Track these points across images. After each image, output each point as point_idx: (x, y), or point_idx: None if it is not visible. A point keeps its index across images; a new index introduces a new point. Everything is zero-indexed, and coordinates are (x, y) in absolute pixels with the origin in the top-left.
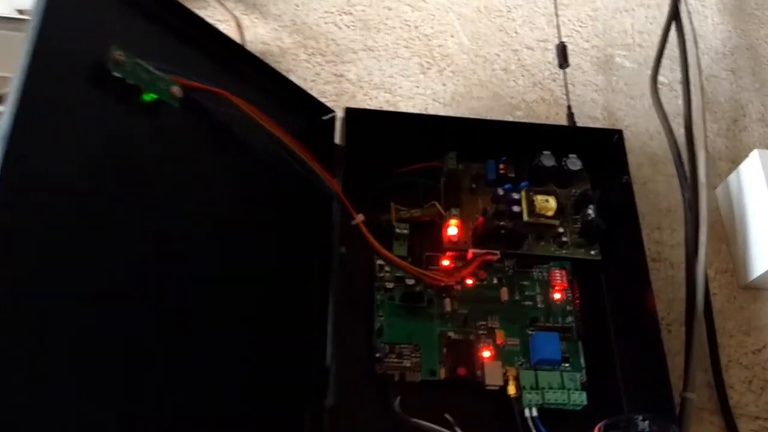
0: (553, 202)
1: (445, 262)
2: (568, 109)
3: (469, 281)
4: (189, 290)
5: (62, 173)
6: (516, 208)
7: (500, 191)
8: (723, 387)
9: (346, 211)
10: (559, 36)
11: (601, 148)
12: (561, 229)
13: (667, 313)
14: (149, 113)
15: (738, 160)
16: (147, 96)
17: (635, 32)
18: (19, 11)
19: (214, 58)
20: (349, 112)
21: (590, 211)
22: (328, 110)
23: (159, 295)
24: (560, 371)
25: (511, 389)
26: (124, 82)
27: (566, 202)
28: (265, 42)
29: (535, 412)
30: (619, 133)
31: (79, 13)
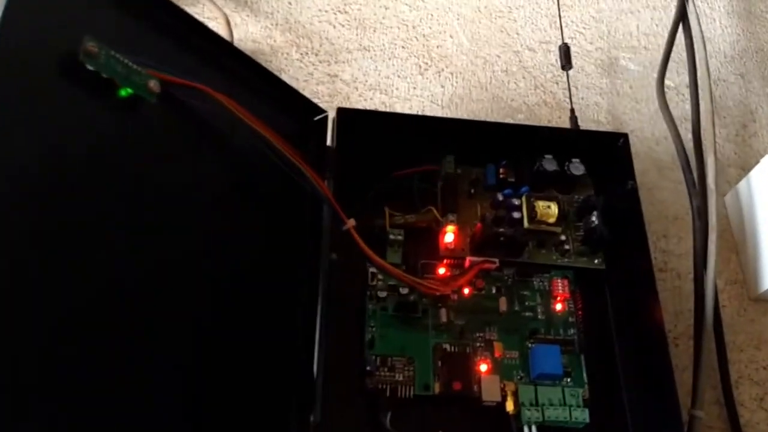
0: (555, 209)
1: (441, 271)
2: (571, 112)
3: (466, 291)
4: (167, 299)
5: (28, 171)
6: (516, 215)
7: (500, 196)
8: (733, 404)
9: (337, 216)
10: (562, 37)
11: (606, 153)
12: (563, 237)
13: (674, 326)
14: (126, 109)
15: (748, 167)
16: (123, 91)
17: (641, 34)
18: None
19: (199, 54)
20: (341, 113)
21: (594, 218)
22: (320, 110)
23: (135, 303)
24: (561, 387)
25: (510, 405)
26: (100, 77)
27: (569, 209)
28: (255, 40)
29: (535, 430)
30: (625, 136)
31: (52, 3)
